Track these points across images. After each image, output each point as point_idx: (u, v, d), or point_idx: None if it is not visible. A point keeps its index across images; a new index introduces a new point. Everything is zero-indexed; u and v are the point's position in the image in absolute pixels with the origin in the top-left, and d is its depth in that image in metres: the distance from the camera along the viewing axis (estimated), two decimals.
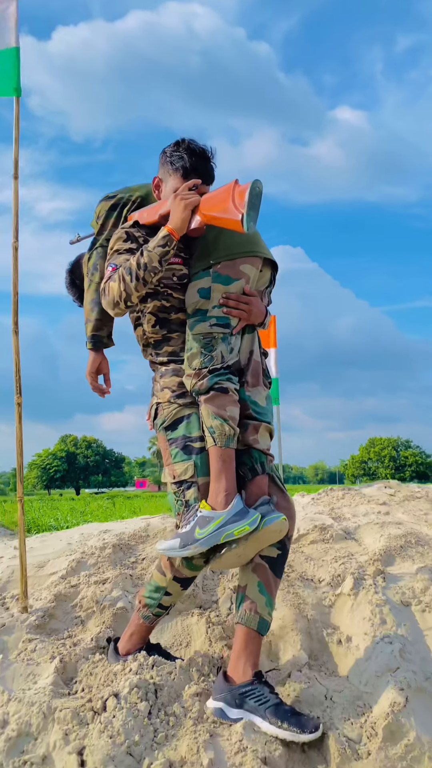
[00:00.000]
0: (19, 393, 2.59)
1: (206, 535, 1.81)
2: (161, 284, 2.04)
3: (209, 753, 1.71)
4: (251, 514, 1.83)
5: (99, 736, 1.77)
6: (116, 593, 2.48)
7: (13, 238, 2.67)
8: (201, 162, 2.03)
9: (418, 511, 3.24)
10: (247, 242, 2.01)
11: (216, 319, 1.97)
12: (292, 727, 1.76)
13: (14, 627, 2.33)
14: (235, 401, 1.94)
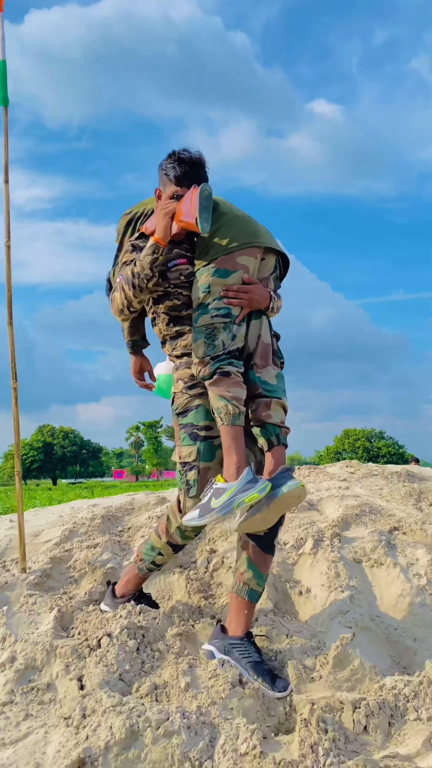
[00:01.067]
0: (15, 378, 2.88)
1: (221, 505, 1.97)
2: (171, 285, 2.22)
3: (187, 678, 2.05)
4: (260, 483, 1.98)
5: (95, 666, 2.10)
6: (106, 556, 2.80)
7: (5, 238, 2.93)
8: (192, 169, 2.17)
9: (374, 486, 3.61)
10: (244, 235, 2.15)
11: (217, 311, 2.11)
12: (266, 682, 2.02)
13: (15, 584, 2.63)
14: (238, 383, 2.09)
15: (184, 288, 2.22)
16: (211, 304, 2.12)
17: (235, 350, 2.11)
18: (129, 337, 2.50)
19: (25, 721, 1.94)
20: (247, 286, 2.14)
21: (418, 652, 2.26)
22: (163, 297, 2.25)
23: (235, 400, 2.05)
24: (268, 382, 2.17)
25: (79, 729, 1.85)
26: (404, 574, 2.54)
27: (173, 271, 2.22)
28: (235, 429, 2.05)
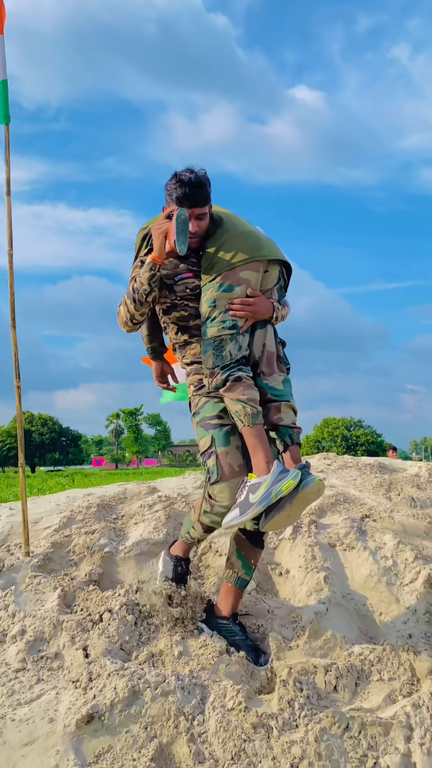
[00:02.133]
0: (18, 377, 3.10)
1: (259, 498, 2.07)
2: (177, 297, 2.38)
3: (179, 647, 2.32)
4: (292, 471, 2.09)
5: (98, 637, 2.36)
6: (103, 541, 3.05)
7: (8, 246, 3.13)
8: (192, 190, 2.23)
9: (349, 477, 3.91)
10: (246, 250, 2.28)
11: (223, 323, 2.24)
12: (249, 656, 2.28)
13: (21, 567, 2.88)
14: (250, 385, 2.21)
15: (190, 300, 2.36)
16: (218, 317, 2.25)
17: (241, 358, 2.25)
18: (149, 344, 2.65)
19: (37, 684, 2.20)
20: (250, 299, 2.26)
21: (382, 625, 2.56)
22: (170, 308, 2.40)
23: (251, 401, 2.18)
24: (276, 388, 2.29)
25: (87, 690, 2.12)
26: (373, 556, 2.84)
27: (180, 285, 2.36)
28: (256, 428, 2.16)
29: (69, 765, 1.86)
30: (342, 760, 1.86)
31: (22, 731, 1.98)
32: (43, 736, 1.96)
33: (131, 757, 1.88)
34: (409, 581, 2.67)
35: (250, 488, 2.11)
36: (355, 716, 1.99)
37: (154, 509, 3.38)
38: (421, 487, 3.73)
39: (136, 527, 3.23)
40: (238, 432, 2.24)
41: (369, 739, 1.93)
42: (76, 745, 1.92)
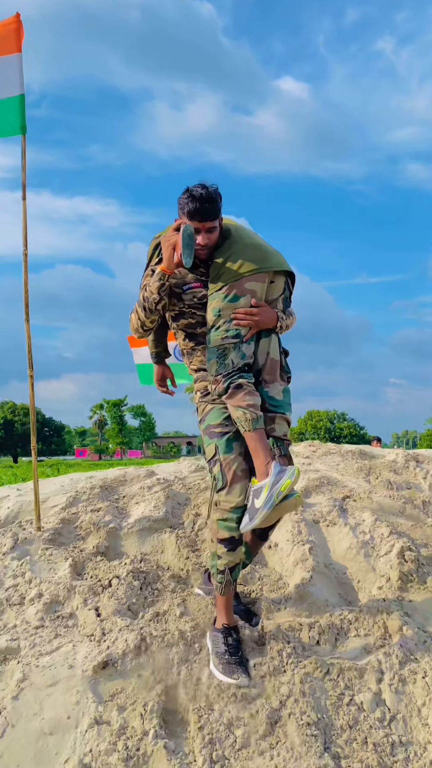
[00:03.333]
0: (31, 368, 3.37)
1: (263, 501, 2.14)
2: (185, 305, 2.46)
3: (181, 608, 2.62)
4: (289, 470, 2.16)
5: (108, 599, 2.65)
6: (108, 518, 3.34)
7: (23, 247, 3.39)
8: (202, 204, 2.30)
9: (332, 462, 4.23)
10: (252, 262, 2.35)
11: (227, 332, 2.32)
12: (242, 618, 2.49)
13: (33, 540, 3.16)
14: (251, 392, 2.28)
15: (197, 308, 2.46)
16: (222, 326, 2.33)
17: (244, 366, 2.32)
18: (153, 348, 2.78)
19: (56, 639, 2.49)
20: (254, 309, 2.33)
21: (360, 590, 2.88)
22: (179, 316, 2.50)
23: (251, 407, 2.25)
24: (275, 398, 2.37)
25: (101, 642, 2.41)
26: (352, 532, 3.16)
27: (188, 293, 2.45)
28: (257, 432, 2.24)
29: (88, 702, 2.15)
30: (323, 698, 2.18)
31: (46, 675, 2.27)
32: (65, 679, 2.25)
33: (141, 697, 2.18)
34: (384, 553, 2.99)
35: (254, 493, 2.20)
36: (335, 663, 2.31)
37: (153, 490, 3.67)
38: (397, 472, 4.06)
39: (137, 506, 3.52)
40: (241, 437, 2.31)
41: (346, 681, 2.25)
42: (93, 686, 2.22)
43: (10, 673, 2.31)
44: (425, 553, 3.03)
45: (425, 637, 2.47)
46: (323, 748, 2.00)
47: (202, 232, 2.34)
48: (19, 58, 3.19)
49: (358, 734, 2.08)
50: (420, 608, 2.70)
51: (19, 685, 2.24)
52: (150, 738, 2.02)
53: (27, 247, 3.40)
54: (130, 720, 2.10)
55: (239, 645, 2.33)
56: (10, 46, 3.13)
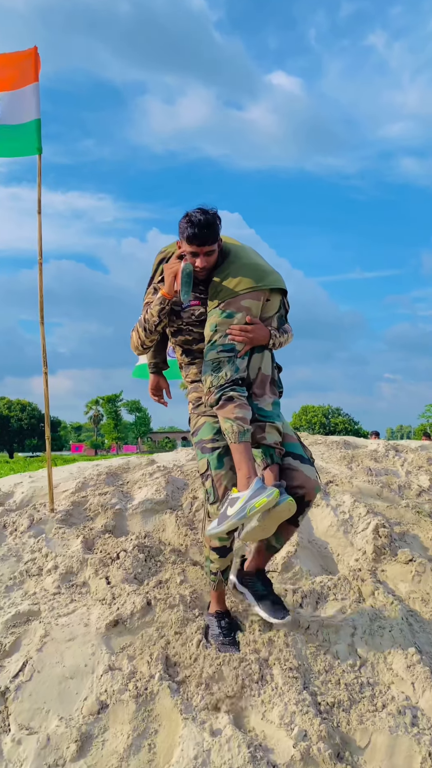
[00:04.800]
0: (45, 365, 3.72)
1: (235, 512, 2.21)
2: (183, 323, 2.57)
3: (181, 577, 2.98)
4: (268, 490, 2.20)
5: (117, 570, 3.01)
6: (114, 500, 3.69)
7: (39, 257, 3.73)
8: (200, 230, 2.41)
9: (317, 452, 4.60)
10: (248, 281, 2.45)
11: (222, 347, 2.40)
12: (265, 610, 2.50)
13: (47, 520, 3.51)
14: (240, 405, 2.34)
15: (194, 326, 2.57)
16: (218, 341, 2.43)
17: (237, 379, 2.40)
18: (151, 359, 2.88)
19: (71, 603, 2.85)
20: (248, 326, 2.43)
21: (339, 562, 3.25)
22: (177, 332, 2.62)
23: (239, 420, 2.32)
24: (264, 409, 2.44)
25: (111, 605, 2.77)
26: (333, 512, 3.53)
27: (186, 312, 2.57)
28: (242, 445, 2.30)
29: (102, 653, 2.52)
30: (303, 648, 2.55)
31: (65, 632, 2.63)
32: (81, 635, 2.61)
33: (147, 649, 2.54)
34: (361, 530, 3.36)
35: (229, 501, 2.27)
36: (314, 620, 2.68)
37: (154, 476, 4.03)
38: (378, 460, 4.43)
39: (140, 490, 3.87)
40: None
41: (324, 635, 2.62)
42: (106, 641, 2.58)
43: (33, 631, 2.67)
44: (398, 530, 3.40)
45: (393, 599, 2.84)
46: (302, 687, 2.37)
47: (201, 255, 2.46)
48: (36, 86, 3.53)
49: (332, 677, 2.45)
50: (391, 576, 3.07)
51: (42, 640, 2.60)
52: (156, 680, 2.38)
53: (41, 256, 3.74)
54: (138, 666, 2.46)
55: (231, 627, 2.56)
56: (29, 77, 3.47)
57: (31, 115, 3.63)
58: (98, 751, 2.16)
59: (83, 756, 2.14)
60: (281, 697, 2.32)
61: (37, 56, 3.50)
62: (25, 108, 3.56)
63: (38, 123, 3.57)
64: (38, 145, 3.59)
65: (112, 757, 2.13)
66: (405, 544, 3.31)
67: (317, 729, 2.17)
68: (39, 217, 3.71)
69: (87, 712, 2.29)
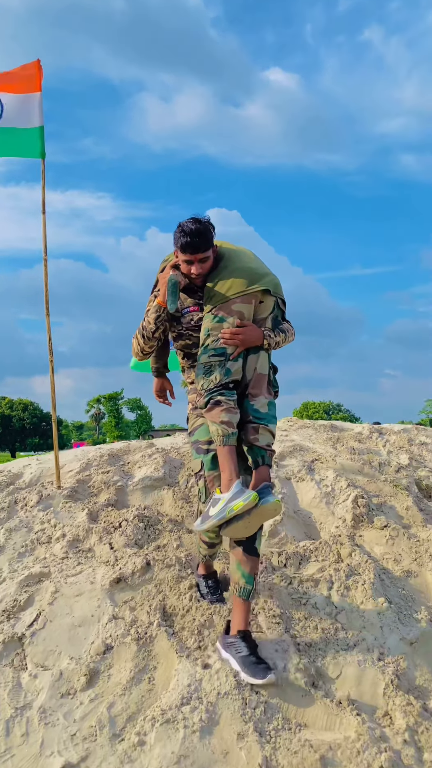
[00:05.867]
0: (51, 353, 4.03)
1: (216, 512, 2.31)
2: (183, 328, 2.68)
3: (177, 542, 3.30)
4: (246, 494, 2.27)
5: (119, 536, 3.33)
6: (116, 478, 4.01)
7: (44, 254, 4.04)
8: (192, 239, 2.49)
9: (306, 434, 4.91)
10: (239, 285, 2.51)
11: (213, 351, 2.46)
12: (248, 672, 2.34)
13: (55, 496, 3.83)
14: (227, 409, 2.40)
15: (194, 330, 2.67)
16: (210, 345, 2.49)
17: (228, 383, 2.45)
18: (154, 364, 3.01)
19: (78, 565, 3.17)
20: (239, 329, 2.48)
21: (321, 529, 3.57)
22: (177, 337, 2.73)
23: (225, 424, 2.39)
24: (259, 411, 2.49)
25: (114, 566, 3.09)
26: (317, 485, 3.85)
27: (185, 317, 2.67)
28: (227, 448, 2.38)
29: (107, 605, 2.83)
30: (287, 599, 2.87)
31: (73, 588, 2.95)
32: (88, 591, 2.93)
33: (147, 602, 2.85)
34: (342, 501, 3.68)
35: (212, 502, 2.35)
36: (296, 577, 3.00)
37: (153, 457, 4.34)
38: (362, 441, 4.75)
39: (140, 469, 4.19)
40: None
41: (304, 588, 2.94)
42: (110, 595, 2.90)
43: (45, 589, 2.99)
44: (376, 501, 3.72)
45: (368, 558, 3.16)
46: (284, 631, 2.68)
47: (195, 263, 2.55)
48: (39, 96, 3.83)
49: (310, 623, 2.76)
50: (367, 540, 3.39)
51: (53, 596, 2.92)
52: (155, 626, 2.70)
53: (46, 253, 4.05)
54: (139, 616, 2.78)
55: (217, 586, 2.83)
56: (32, 86, 3.78)
57: (34, 122, 3.93)
58: (104, 683, 2.48)
59: (92, 686, 2.46)
60: (264, 638, 2.64)
61: (40, 68, 3.80)
62: (28, 114, 3.87)
63: (42, 130, 3.88)
64: (42, 150, 3.90)
65: (117, 687, 2.45)
66: (382, 513, 3.62)
67: (295, 663, 2.49)
68: (43, 217, 4.01)
69: (94, 653, 2.61)
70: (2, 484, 4.05)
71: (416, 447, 4.75)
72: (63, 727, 2.29)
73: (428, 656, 2.68)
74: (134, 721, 2.30)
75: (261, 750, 2.14)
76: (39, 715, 2.34)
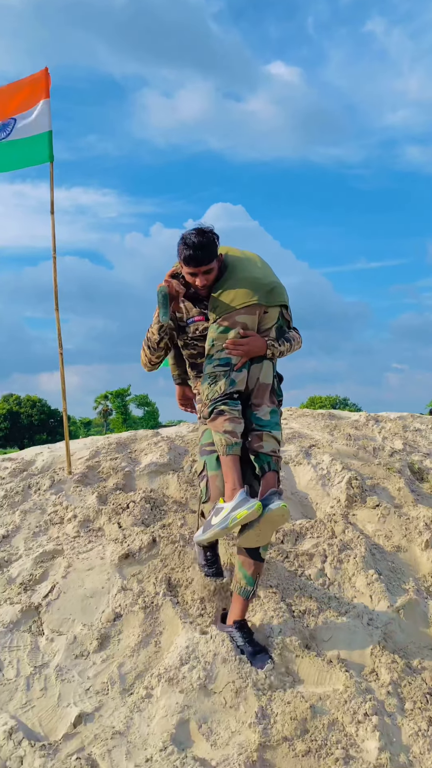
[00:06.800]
0: (61, 346, 4.25)
1: (218, 521, 2.30)
2: (188, 337, 2.70)
3: (181, 521, 3.51)
4: (250, 503, 2.26)
5: (127, 517, 3.55)
6: (124, 464, 4.24)
7: (53, 251, 4.26)
8: (195, 252, 2.49)
9: (304, 422, 5.12)
10: (243, 296, 2.51)
11: (218, 361, 2.48)
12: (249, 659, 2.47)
13: (66, 481, 4.06)
14: (231, 418, 2.41)
15: (199, 340, 2.69)
16: (215, 355, 2.51)
17: (232, 392, 2.46)
18: (174, 371, 3.04)
19: (89, 543, 3.39)
20: (243, 339, 2.49)
21: (317, 509, 3.78)
22: (184, 347, 2.76)
23: (228, 433, 2.40)
24: (262, 419, 2.52)
25: (123, 543, 3.31)
26: (314, 469, 4.06)
27: (191, 327, 2.70)
28: (230, 458, 2.38)
29: (116, 578, 3.06)
30: (283, 571, 3.09)
31: (85, 563, 3.18)
32: (98, 565, 3.16)
33: (153, 575, 3.08)
34: (336, 482, 3.89)
35: (215, 511, 2.35)
36: (292, 551, 3.22)
37: (159, 445, 4.56)
38: (358, 428, 4.95)
39: (146, 456, 4.41)
40: None
41: (299, 561, 3.16)
42: (119, 569, 3.12)
43: (58, 564, 3.22)
44: (369, 482, 3.93)
45: (360, 534, 3.37)
46: (280, 599, 2.90)
47: (200, 275, 2.56)
48: (47, 102, 4.04)
49: (304, 592, 2.98)
50: (360, 518, 3.60)
51: (66, 570, 3.15)
52: (160, 596, 2.93)
53: (55, 251, 4.26)
54: (146, 587, 3.00)
55: (216, 559, 2.84)
56: (41, 94, 3.98)
57: (43, 128, 4.14)
58: (115, 646, 2.70)
59: (103, 649, 2.69)
60: (262, 607, 2.86)
61: (48, 76, 4.01)
62: (37, 122, 4.08)
63: (50, 135, 4.09)
64: (50, 153, 4.10)
65: (126, 650, 2.67)
66: (374, 493, 3.83)
67: (290, 627, 2.71)
68: (52, 218, 4.22)
69: (105, 620, 2.83)
70: (16, 470, 4.28)
71: (410, 433, 4.95)
72: (78, 683, 2.52)
73: (414, 621, 2.89)
74: (142, 678, 2.53)
75: (257, 701, 2.36)
76: (56, 672, 2.57)
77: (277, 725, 2.27)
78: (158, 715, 2.33)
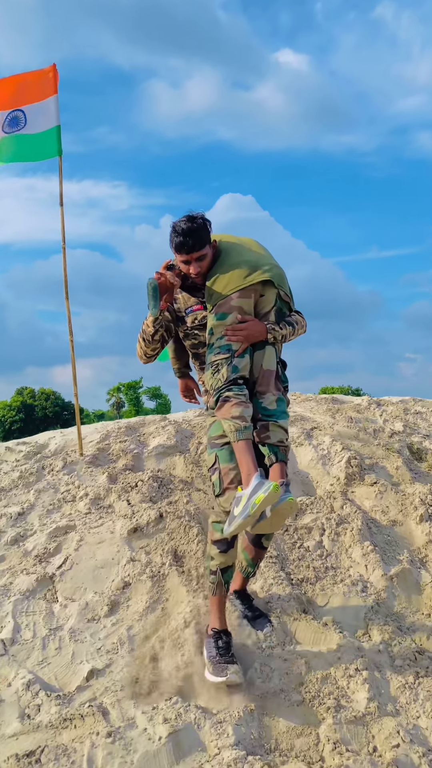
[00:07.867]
0: (71, 333, 4.43)
1: (240, 510, 2.21)
2: (188, 327, 2.66)
3: (187, 498, 3.69)
4: (266, 485, 2.18)
5: (136, 494, 3.73)
6: (133, 446, 4.42)
7: (62, 242, 4.43)
8: (185, 238, 2.44)
9: (308, 406, 5.27)
10: (236, 279, 2.46)
11: (219, 349, 2.43)
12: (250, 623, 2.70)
13: (77, 462, 4.25)
14: (237, 403, 2.35)
15: (199, 330, 2.65)
16: (215, 343, 2.47)
17: (236, 379, 2.41)
18: (175, 365, 2.96)
19: (100, 519, 3.59)
20: (242, 324, 2.44)
21: (317, 487, 3.94)
22: (185, 337, 2.72)
23: (236, 418, 2.33)
24: (268, 408, 2.43)
25: (131, 519, 3.50)
26: (314, 449, 4.21)
27: (189, 316, 2.66)
28: (242, 443, 2.31)
29: (125, 550, 3.25)
30: (282, 544, 3.25)
31: (96, 537, 3.37)
32: (108, 539, 3.35)
33: (160, 547, 3.26)
34: (336, 462, 4.05)
35: (235, 501, 2.27)
36: (291, 524, 3.38)
37: (166, 428, 4.74)
38: (360, 411, 5.09)
39: (154, 439, 4.59)
40: None
41: (298, 534, 3.32)
42: (128, 542, 3.31)
43: (71, 538, 3.41)
44: (368, 462, 4.08)
45: (357, 509, 3.52)
46: (279, 569, 3.07)
47: (193, 262, 2.50)
48: (55, 98, 4.20)
49: (303, 563, 3.15)
50: (358, 495, 3.76)
51: (78, 543, 3.34)
52: (167, 566, 3.11)
53: (64, 241, 4.44)
54: (153, 558, 3.18)
55: (229, 647, 2.46)
56: (49, 90, 4.14)
57: (52, 123, 4.30)
58: (124, 611, 2.89)
59: (114, 614, 2.88)
60: (262, 575, 3.03)
61: (56, 72, 4.17)
62: (46, 118, 4.24)
63: (58, 129, 4.25)
64: (58, 147, 4.27)
65: (135, 614, 2.86)
66: (373, 472, 3.98)
67: (288, 593, 2.88)
68: (61, 210, 4.40)
69: (115, 588, 3.02)
70: (30, 453, 4.49)
71: (411, 416, 5.08)
72: (90, 643, 2.72)
73: (407, 589, 3.05)
74: (150, 639, 2.72)
75: (256, 659, 2.54)
76: (69, 634, 2.77)
77: (275, 679, 2.44)
78: (165, 671, 2.51)
